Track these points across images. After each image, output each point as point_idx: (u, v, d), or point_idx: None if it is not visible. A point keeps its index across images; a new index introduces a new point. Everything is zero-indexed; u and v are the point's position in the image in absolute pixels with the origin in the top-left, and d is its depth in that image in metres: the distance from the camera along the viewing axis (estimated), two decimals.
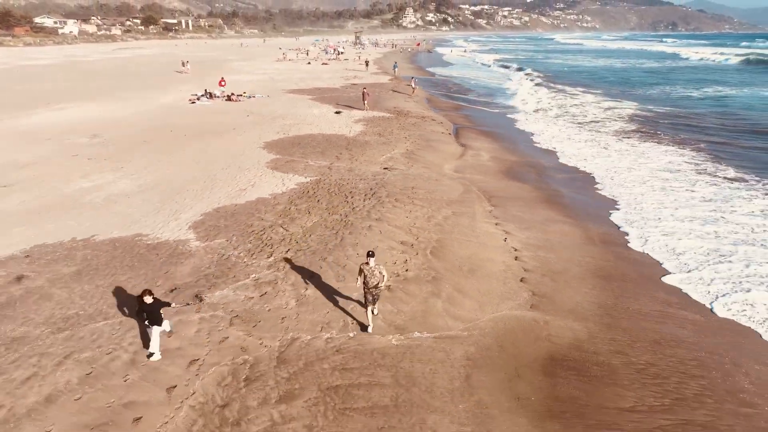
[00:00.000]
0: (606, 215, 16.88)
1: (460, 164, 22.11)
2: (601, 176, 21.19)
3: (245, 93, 38.83)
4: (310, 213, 15.22)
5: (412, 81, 43.98)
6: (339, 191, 17.11)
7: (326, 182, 18.08)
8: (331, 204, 15.94)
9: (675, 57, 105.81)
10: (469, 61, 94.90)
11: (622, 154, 24.84)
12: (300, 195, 16.77)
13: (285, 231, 13.95)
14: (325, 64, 70.52)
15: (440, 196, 17.05)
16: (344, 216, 14.96)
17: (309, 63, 72.50)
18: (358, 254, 12.35)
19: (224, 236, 13.58)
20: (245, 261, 12.20)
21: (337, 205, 15.81)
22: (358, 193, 16.87)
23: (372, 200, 16.21)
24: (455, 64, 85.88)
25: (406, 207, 15.78)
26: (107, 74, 54.45)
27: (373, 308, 9.95)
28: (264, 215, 15.05)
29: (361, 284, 9.78)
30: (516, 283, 11.97)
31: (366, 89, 35.39)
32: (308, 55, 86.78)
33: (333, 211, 15.34)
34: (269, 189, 17.36)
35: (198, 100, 36.22)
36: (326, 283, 11.26)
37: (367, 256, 9.71)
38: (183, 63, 58.75)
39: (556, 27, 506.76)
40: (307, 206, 15.75)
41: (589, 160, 23.71)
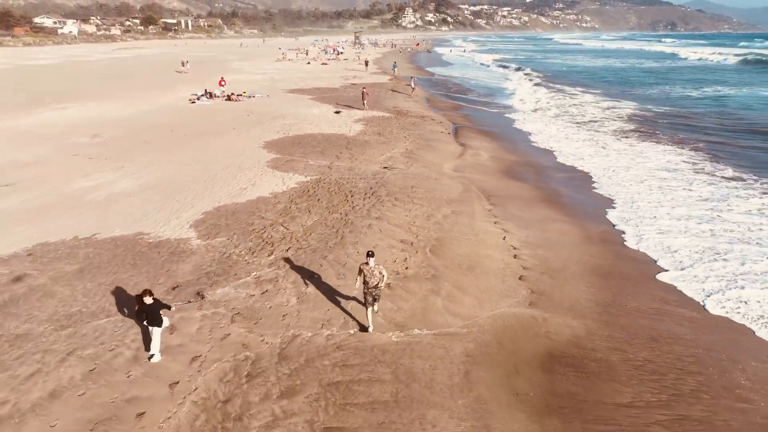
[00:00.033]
0: (604, 214, 16.98)
1: (460, 163, 22.21)
2: (600, 175, 21.29)
3: (245, 93, 38.92)
4: (311, 212, 15.31)
5: (412, 81, 44.09)
6: (339, 190, 17.21)
7: (326, 181, 18.17)
8: (332, 203, 16.03)
9: (674, 57, 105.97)
10: (469, 61, 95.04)
11: (621, 154, 24.95)
12: (300, 194, 16.86)
13: (285, 229, 14.05)
14: (325, 64, 70.62)
15: (440, 195, 17.14)
16: (344, 215, 15.05)
17: (309, 63, 72.58)
18: (359, 252, 12.44)
19: (225, 235, 13.67)
20: (246, 259, 12.30)
21: (338, 204, 15.91)
22: (358, 192, 16.97)
23: (372, 199, 16.30)
24: (454, 64, 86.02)
25: (406, 206, 15.87)
26: (107, 74, 54.50)
27: (374, 308, 10.01)
28: (265, 214, 15.14)
29: (361, 285, 9.79)
30: (515, 281, 12.07)
31: (365, 89, 35.50)
32: (308, 55, 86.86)
33: (333, 210, 15.43)
34: (270, 188, 17.45)
35: (198, 100, 36.30)
36: (327, 281, 11.35)
37: (367, 256, 9.72)
38: (183, 63, 58.80)
39: (556, 27, 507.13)
40: (308, 205, 15.85)
41: (588, 160, 23.81)
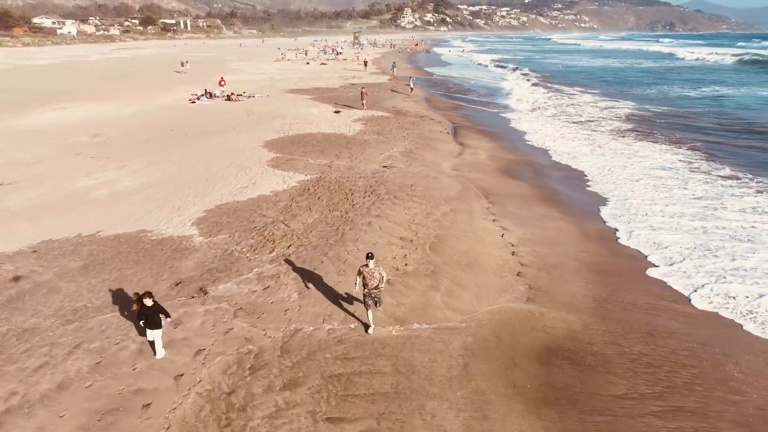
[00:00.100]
0: (599, 212, 17.19)
1: (459, 162, 22.41)
2: (596, 174, 21.50)
3: (245, 93, 39.09)
4: (311, 210, 15.50)
5: (411, 81, 44.29)
6: (339, 189, 17.40)
7: (326, 180, 18.36)
8: (332, 201, 16.22)
9: (672, 57, 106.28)
10: (467, 61, 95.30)
11: (617, 153, 25.16)
12: (301, 192, 17.05)
13: (286, 227, 14.23)
14: (324, 64, 70.82)
15: (439, 194, 17.34)
16: (344, 212, 15.24)
17: (308, 63, 72.77)
18: (359, 249, 12.63)
19: (227, 232, 13.85)
20: (248, 256, 12.48)
21: (338, 202, 16.09)
22: (358, 191, 17.15)
23: (372, 197, 16.49)
24: (453, 64, 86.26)
25: (405, 204, 16.06)
26: (107, 74, 54.64)
27: (375, 310, 9.94)
28: (266, 212, 15.32)
29: (360, 287, 9.69)
30: (513, 277, 12.27)
31: (364, 89, 35.71)
32: (307, 56, 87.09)
33: (333, 208, 15.62)
34: (270, 186, 17.63)
35: (198, 100, 36.47)
36: (327, 277, 11.53)
37: (367, 258, 9.63)
38: (182, 63, 58.96)
39: (554, 27, 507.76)
40: (308, 203, 16.03)
41: (585, 159, 24.01)
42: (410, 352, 9.21)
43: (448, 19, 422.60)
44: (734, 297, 11.78)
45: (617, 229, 15.59)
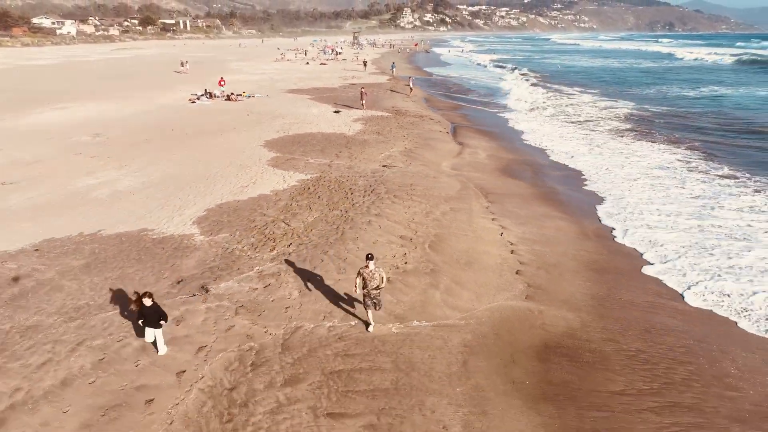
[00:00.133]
0: (597, 211, 17.29)
1: (458, 162, 22.50)
2: (594, 173, 21.59)
3: (245, 93, 39.17)
4: (311, 209, 15.59)
5: (410, 81, 44.37)
6: (339, 188, 17.49)
7: (326, 179, 18.45)
8: (332, 200, 16.31)
9: (671, 57, 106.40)
10: (467, 61, 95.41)
11: (615, 152, 25.26)
12: (301, 191, 17.13)
13: (287, 226, 14.32)
14: (324, 65, 70.90)
15: (438, 193, 17.43)
16: (344, 211, 15.33)
17: (307, 63, 72.84)
18: (359, 248, 12.72)
19: (228, 231, 13.94)
20: (249, 254, 12.57)
21: (338, 201, 16.18)
22: (358, 190, 17.24)
23: (371, 196, 16.58)
24: (453, 64, 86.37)
25: (405, 203, 16.16)
26: (106, 74, 54.70)
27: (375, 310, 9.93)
28: (266, 211, 15.41)
29: (360, 288, 9.68)
30: (512, 276, 12.36)
31: (364, 89, 35.81)
32: (306, 56, 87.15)
33: (333, 207, 15.71)
34: (270, 186, 17.72)
35: (198, 100, 36.55)
36: (328, 276, 11.63)
37: (367, 260, 9.62)
38: (182, 63, 59.01)
39: (554, 27, 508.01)
40: (308, 202, 16.12)
41: (583, 158, 24.11)
42: (410, 349, 9.31)
43: (448, 20, 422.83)
44: (728, 295, 11.88)
45: (614, 228, 15.70)
